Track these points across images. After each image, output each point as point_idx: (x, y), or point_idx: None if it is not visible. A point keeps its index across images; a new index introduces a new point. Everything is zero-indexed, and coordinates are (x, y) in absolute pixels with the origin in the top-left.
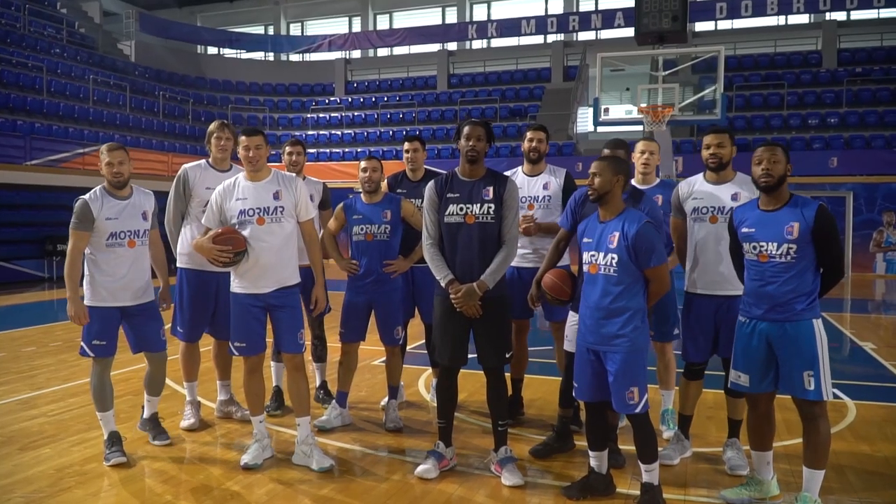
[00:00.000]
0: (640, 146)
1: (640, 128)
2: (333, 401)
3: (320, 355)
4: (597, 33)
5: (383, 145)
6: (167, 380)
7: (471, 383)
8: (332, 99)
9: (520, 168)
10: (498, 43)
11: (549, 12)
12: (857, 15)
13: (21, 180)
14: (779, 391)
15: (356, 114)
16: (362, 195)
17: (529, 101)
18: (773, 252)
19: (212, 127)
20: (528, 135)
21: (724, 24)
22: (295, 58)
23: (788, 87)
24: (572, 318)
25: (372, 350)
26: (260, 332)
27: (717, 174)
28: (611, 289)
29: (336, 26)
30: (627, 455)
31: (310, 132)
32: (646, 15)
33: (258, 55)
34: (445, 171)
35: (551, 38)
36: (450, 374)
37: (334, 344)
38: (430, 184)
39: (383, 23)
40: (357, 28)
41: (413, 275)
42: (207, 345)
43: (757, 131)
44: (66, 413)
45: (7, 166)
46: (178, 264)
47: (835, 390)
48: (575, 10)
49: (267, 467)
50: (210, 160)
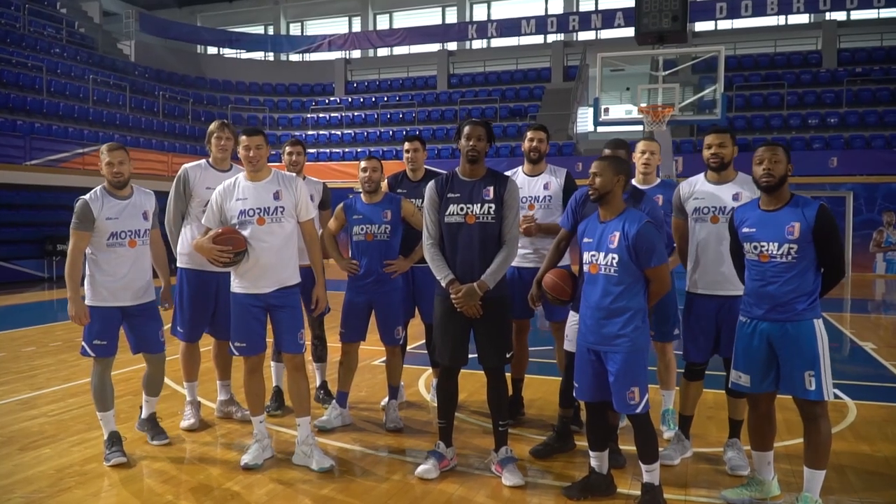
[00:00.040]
0: (640, 146)
1: (640, 128)
2: (334, 401)
3: (320, 355)
4: (597, 33)
5: (383, 145)
6: (167, 380)
7: (471, 383)
8: (331, 99)
9: (520, 168)
10: (498, 43)
11: (549, 12)
12: (857, 15)
13: (21, 180)
14: (780, 391)
15: (356, 114)
16: (362, 195)
17: (529, 101)
18: (774, 252)
19: (212, 127)
20: (529, 134)
21: (724, 24)
22: (295, 58)
23: (788, 87)
24: (572, 318)
25: (372, 350)
26: (260, 332)
27: (719, 174)
28: (611, 289)
29: (336, 26)
30: (628, 455)
31: (310, 132)
32: (646, 15)
33: (258, 55)
34: (446, 171)
35: (551, 38)
36: (450, 374)
37: (334, 344)
38: (431, 184)
39: (383, 23)
40: (357, 28)
41: (413, 275)
42: (207, 345)
43: (757, 131)
44: (66, 413)
45: (7, 166)
46: (178, 264)
47: (835, 390)
48: (575, 10)
49: (267, 467)
50: (210, 160)
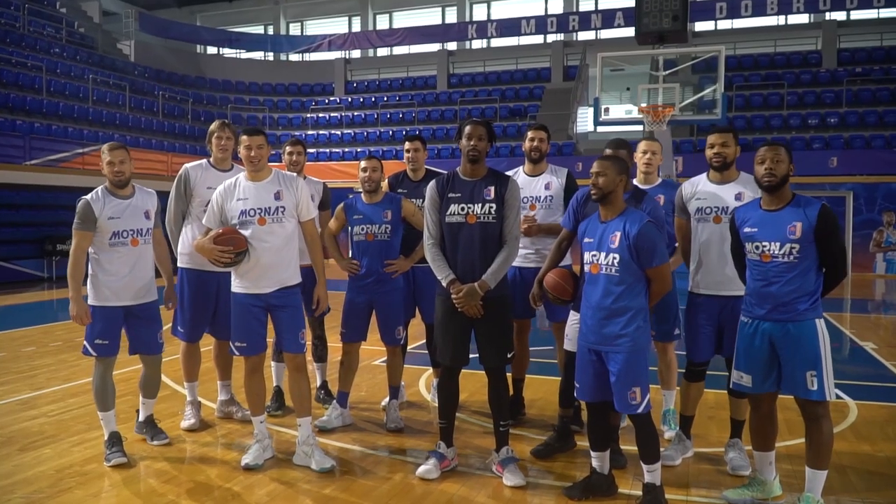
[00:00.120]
0: (642, 146)
1: (640, 128)
2: (334, 401)
3: (321, 355)
4: (597, 33)
5: (383, 145)
6: (168, 380)
7: (472, 383)
8: (331, 99)
9: (521, 168)
10: (498, 43)
11: (549, 12)
12: (856, 15)
13: (20, 180)
14: (781, 391)
15: (356, 114)
16: (363, 195)
17: (529, 100)
18: (776, 252)
19: (213, 126)
20: (529, 134)
21: (724, 24)
22: (294, 58)
23: (788, 87)
24: (572, 318)
25: (372, 350)
26: (260, 332)
27: (721, 174)
28: (612, 289)
29: (336, 26)
30: (629, 455)
31: (309, 132)
32: (646, 15)
33: (258, 55)
34: (446, 171)
35: (551, 37)
36: (451, 374)
37: (335, 344)
38: (432, 183)
39: (383, 22)
40: (357, 28)
41: (414, 275)
42: (208, 345)
43: (757, 131)
44: (66, 413)
45: (6, 166)
46: (178, 264)
47: (836, 390)
48: (575, 10)
49: (268, 468)
50: (211, 160)
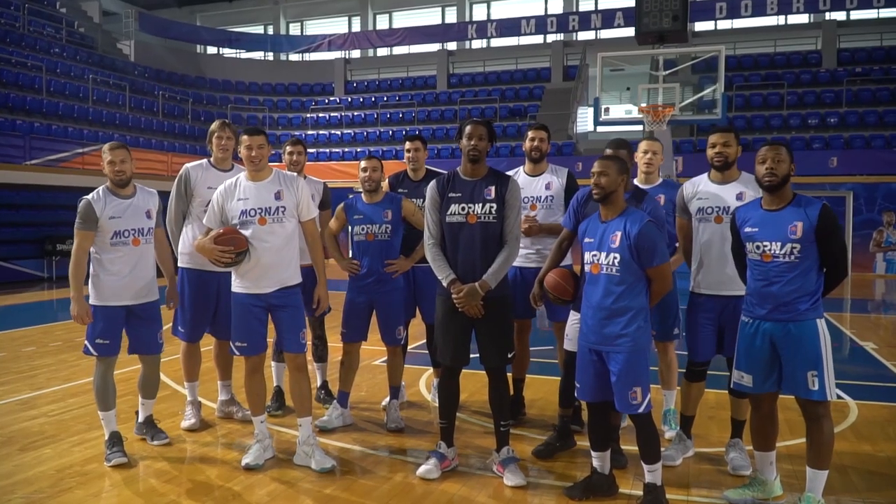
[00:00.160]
0: (643, 146)
1: (640, 127)
2: (335, 401)
3: (321, 355)
4: (596, 33)
5: (383, 145)
6: (168, 380)
7: (472, 383)
8: (331, 99)
9: (521, 168)
10: (498, 43)
11: (549, 12)
12: (856, 15)
13: (20, 180)
14: (782, 391)
15: (356, 114)
16: (363, 195)
17: (529, 100)
18: (777, 252)
19: (213, 126)
20: (530, 134)
21: (724, 24)
22: (294, 57)
23: (788, 86)
24: (573, 318)
25: (373, 350)
26: (261, 331)
27: (723, 174)
28: (613, 288)
29: (336, 26)
30: (630, 455)
31: (309, 132)
32: (646, 14)
33: (258, 55)
34: (446, 171)
35: (551, 37)
36: (452, 374)
37: (335, 344)
38: (432, 183)
39: (383, 22)
40: (357, 28)
41: (414, 275)
42: (208, 345)
43: (757, 131)
44: (66, 413)
45: (6, 166)
46: (179, 264)
47: (837, 390)
48: (575, 10)
49: (268, 468)
50: (212, 160)
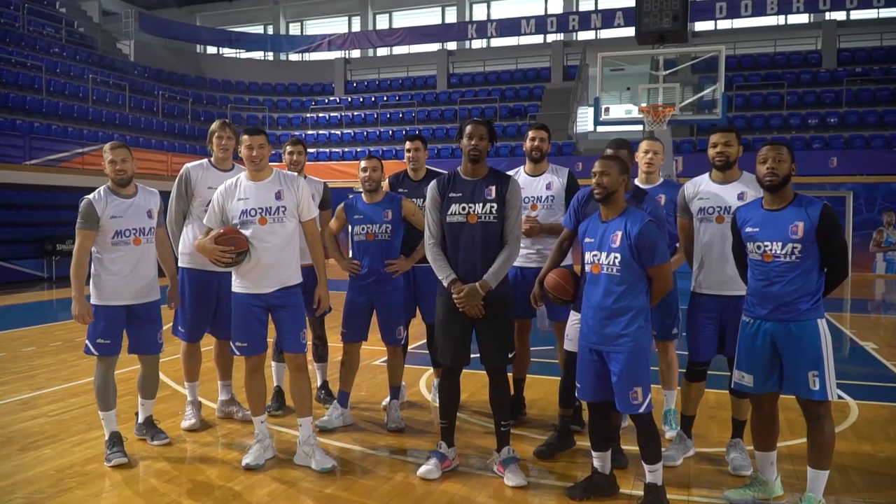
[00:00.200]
0: (644, 146)
1: (640, 127)
2: (335, 401)
3: (321, 355)
4: (596, 33)
5: (383, 145)
6: (168, 380)
7: (472, 383)
8: (331, 99)
9: (522, 168)
10: (498, 42)
11: (549, 12)
12: (856, 15)
13: (20, 180)
14: (783, 391)
15: (356, 113)
16: (363, 195)
17: (529, 100)
18: (778, 252)
19: (213, 126)
20: (530, 134)
21: (724, 24)
22: (294, 57)
23: (788, 86)
24: (573, 318)
25: (373, 350)
26: (261, 331)
27: (724, 173)
28: (614, 288)
29: (335, 26)
30: (630, 455)
31: (309, 132)
32: (646, 14)
33: (258, 55)
34: (447, 171)
35: (551, 37)
36: (452, 374)
37: (335, 344)
38: (433, 183)
39: (383, 22)
40: (356, 28)
41: (415, 275)
42: (208, 345)
43: (757, 131)
44: (66, 413)
45: (6, 166)
46: (179, 264)
47: (838, 391)
48: (575, 10)
49: (269, 468)
50: (212, 160)
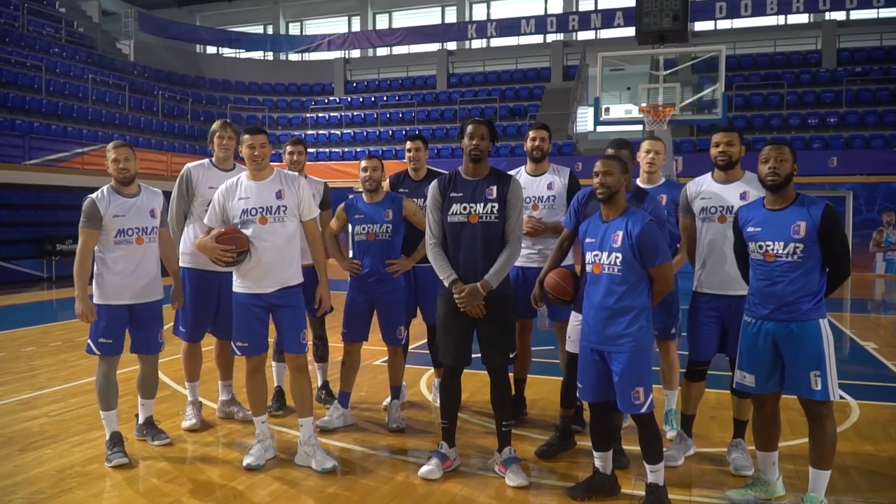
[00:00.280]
0: (645, 145)
1: (640, 127)
2: (336, 401)
3: (322, 355)
4: (596, 33)
5: (383, 145)
6: (168, 380)
7: (473, 383)
8: (331, 99)
9: (523, 168)
10: (497, 42)
11: (549, 12)
12: (856, 15)
13: (20, 180)
14: (785, 391)
15: (356, 113)
16: (363, 195)
17: (529, 100)
18: (780, 251)
19: (214, 126)
20: (531, 133)
21: (724, 24)
22: (294, 57)
23: (788, 86)
24: (574, 318)
25: (373, 350)
26: (262, 331)
27: (726, 173)
28: (615, 288)
29: (335, 26)
30: (631, 455)
31: (309, 132)
32: (646, 14)
33: (257, 55)
34: (447, 171)
35: (551, 37)
36: (453, 375)
37: (336, 344)
38: (434, 183)
39: (383, 22)
40: (356, 27)
41: (415, 275)
42: (209, 345)
43: (757, 131)
44: (66, 413)
45: (6, 166)
46: (180, 264)
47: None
48: (575, 10)
49: (269, 468)
50: (213, 159)
